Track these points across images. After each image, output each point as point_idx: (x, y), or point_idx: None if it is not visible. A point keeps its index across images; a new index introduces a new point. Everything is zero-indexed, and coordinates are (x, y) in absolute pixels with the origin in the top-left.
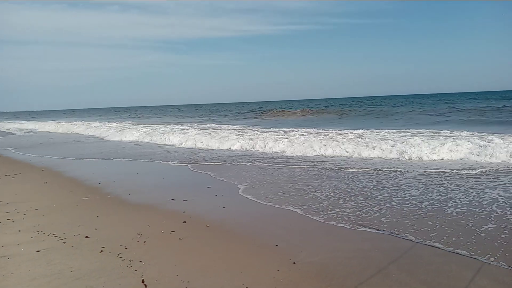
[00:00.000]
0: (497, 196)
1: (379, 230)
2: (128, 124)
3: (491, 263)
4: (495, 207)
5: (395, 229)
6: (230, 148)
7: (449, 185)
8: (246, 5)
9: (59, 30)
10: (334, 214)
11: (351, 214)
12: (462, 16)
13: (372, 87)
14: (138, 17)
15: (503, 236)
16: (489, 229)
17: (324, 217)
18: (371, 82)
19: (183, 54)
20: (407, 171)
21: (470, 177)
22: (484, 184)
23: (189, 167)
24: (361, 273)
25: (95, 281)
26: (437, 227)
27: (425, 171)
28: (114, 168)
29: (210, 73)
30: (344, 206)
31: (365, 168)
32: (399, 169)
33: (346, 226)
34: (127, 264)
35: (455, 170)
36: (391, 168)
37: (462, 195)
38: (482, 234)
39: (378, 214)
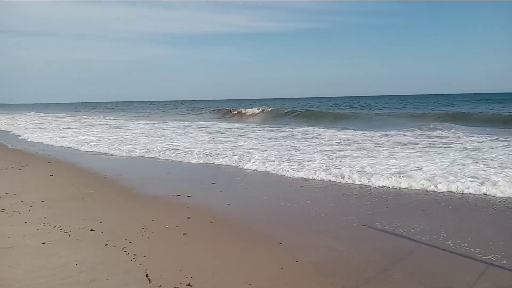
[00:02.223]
0: None
1: (383, 231)
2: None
3: (495, 267)
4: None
5: (399, 231)
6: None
7: None
8: (251, 2)
9: (63, 21)
10: (337, 213)
11: (355, 214)
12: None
13: (375, 86)
14: (143, 11)
15: (507, 239)
16: (494, 232)
17: (329, 216)
18: (372, 81)
19: (187, 49)
20: None
21: None
22: None
23: None
24: (363, 273)
25: (99, 274)
26: (441, 229)
27: None
28: (118, 163)
29: (212, 69)
30: (348, 207)
31: None
32: None
33: (349, 226)
34: (131, 258)
35: None
36: None
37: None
38: (486, 237)
39: (380, 214)
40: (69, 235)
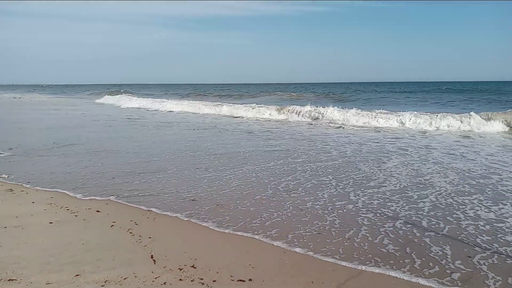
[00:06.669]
0: None
1: (397, 222)
2: None
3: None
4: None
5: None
6: None
7: None
8: None
9: (67, 2)
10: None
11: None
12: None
13: (383, 72)
14: None
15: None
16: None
17: (334, 203)
18: (381, 68)
19: (195, 32)
20: None
21: None
22: None
23: None
24: (370, 258)
25: (105, 254)
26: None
27: None
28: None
29: (220, 52)
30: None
31: None
32: None
33: (355, 213)
34: (136, 239)
35: None
36: None
37: None
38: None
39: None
40: (76, 216)
